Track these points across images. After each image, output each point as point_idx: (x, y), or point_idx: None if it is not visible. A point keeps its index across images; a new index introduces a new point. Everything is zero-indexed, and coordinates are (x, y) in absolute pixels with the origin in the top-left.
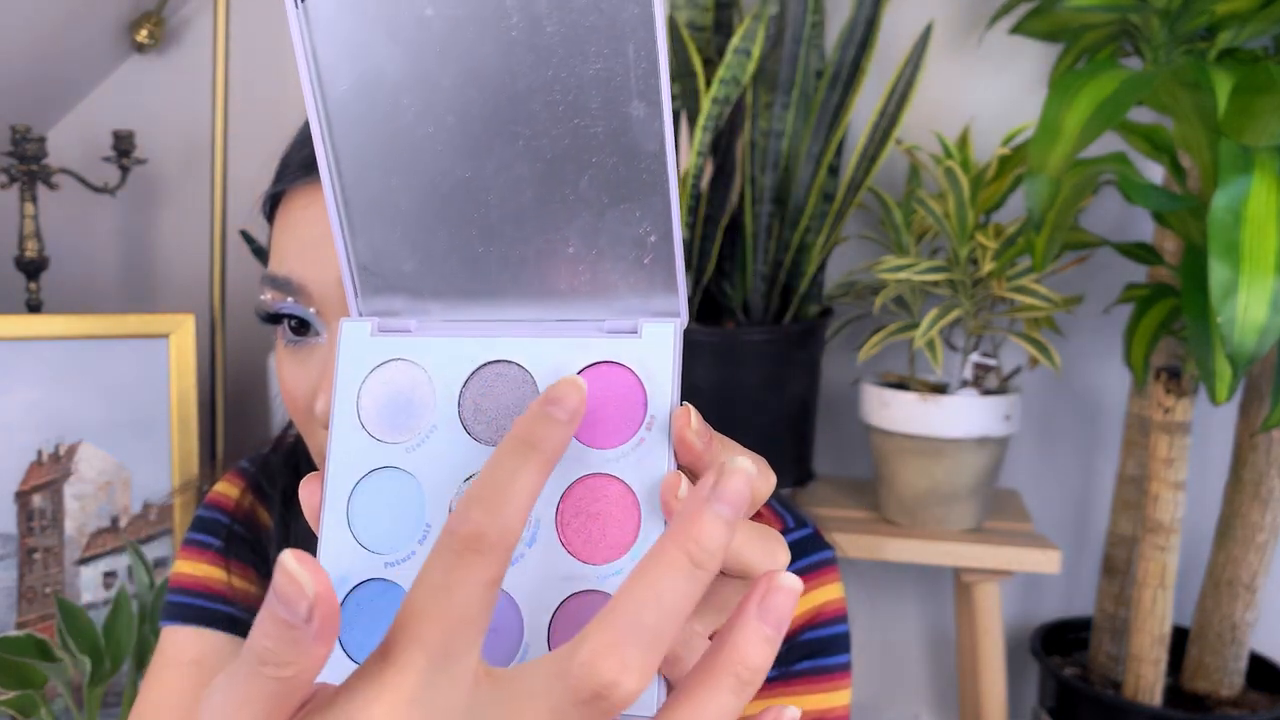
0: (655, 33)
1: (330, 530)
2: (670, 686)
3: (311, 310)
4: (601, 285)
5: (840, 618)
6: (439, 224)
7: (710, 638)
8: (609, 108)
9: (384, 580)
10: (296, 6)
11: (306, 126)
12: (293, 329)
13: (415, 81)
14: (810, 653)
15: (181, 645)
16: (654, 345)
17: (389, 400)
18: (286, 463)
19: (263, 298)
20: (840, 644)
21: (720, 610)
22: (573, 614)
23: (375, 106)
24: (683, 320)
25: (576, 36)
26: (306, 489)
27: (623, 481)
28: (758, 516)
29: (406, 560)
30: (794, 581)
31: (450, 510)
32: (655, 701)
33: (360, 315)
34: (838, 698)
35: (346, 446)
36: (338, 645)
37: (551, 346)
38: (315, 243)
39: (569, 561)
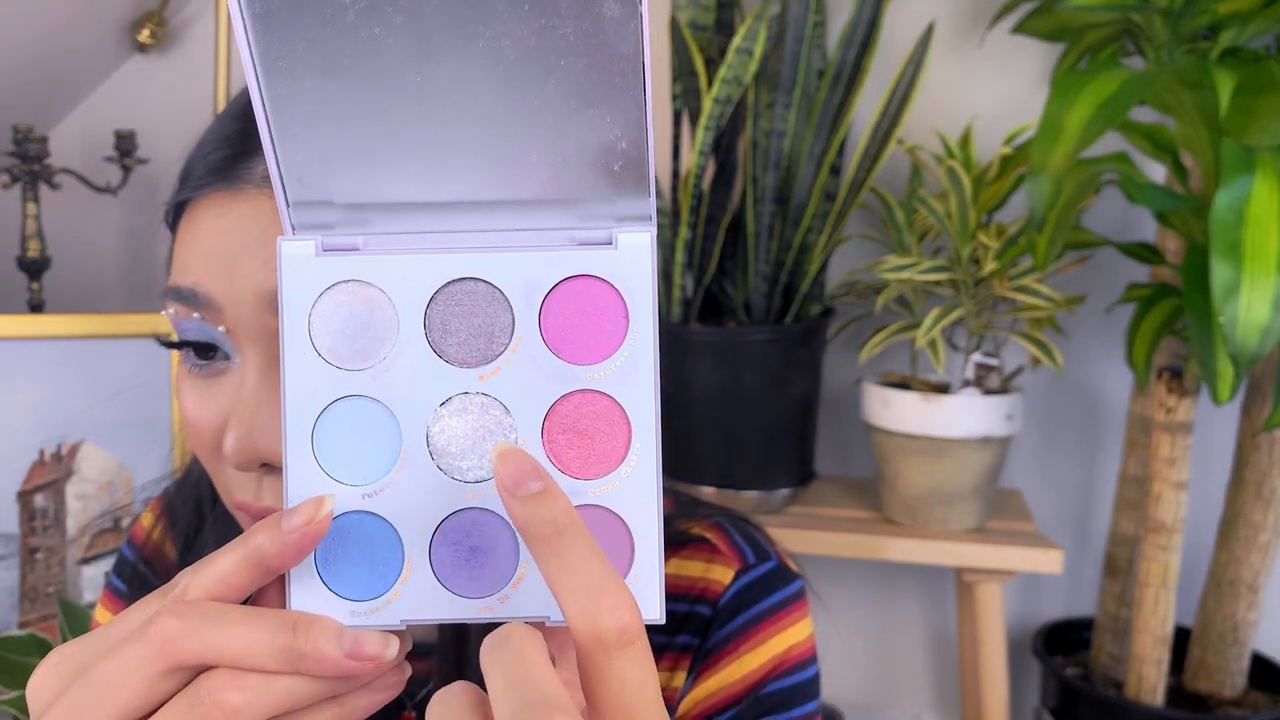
0: None
1: (296, 466)
2: None
3: (220, 330)
4: (566, 193)
5: (807, 660)
6: (384, 132)
7: None
8: (580, 6)
9: (362, 512)
10: None
11: (213, 125)
12: (196, 353)
13: None
14: (772, 707)
15: None
16: (631, 256)
17: (345, 325)
18: (188, 499)
19: (164, 314)
20: (808, 691)
21: None
22: None
23: (311, 4)
24: (653, 227)
25: None
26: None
27: (610, 397)
28: (715, 553)
29: (385, 490)
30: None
31: (428, 438)
32: None
33: (294, 230)
34: None
35: (303, 377)
36: (318, 578)
37: (521, 261)
38: (228, 255)
39: (560, 478)
